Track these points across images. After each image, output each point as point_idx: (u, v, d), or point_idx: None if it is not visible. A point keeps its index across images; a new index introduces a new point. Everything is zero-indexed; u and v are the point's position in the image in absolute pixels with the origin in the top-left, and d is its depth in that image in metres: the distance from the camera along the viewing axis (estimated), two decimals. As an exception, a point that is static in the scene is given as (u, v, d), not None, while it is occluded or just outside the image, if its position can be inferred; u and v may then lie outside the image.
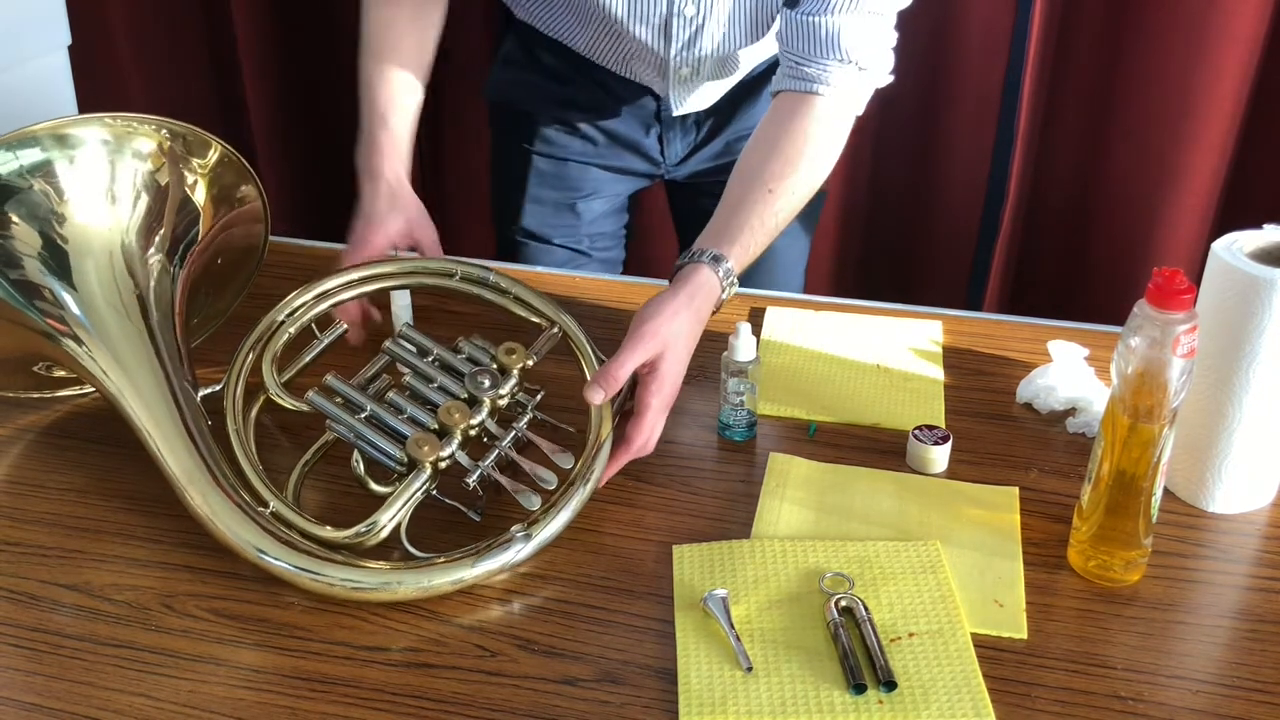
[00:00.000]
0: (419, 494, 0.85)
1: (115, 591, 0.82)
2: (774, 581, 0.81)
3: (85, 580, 0.83)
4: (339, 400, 0.90)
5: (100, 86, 1.93)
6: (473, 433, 0.89)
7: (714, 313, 0.99)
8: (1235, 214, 1.62)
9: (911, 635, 0.77)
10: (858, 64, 1.05)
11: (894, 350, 1.10)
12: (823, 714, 0.71)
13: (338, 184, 1.63)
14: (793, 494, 0.91)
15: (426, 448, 0.85)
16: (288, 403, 0.95)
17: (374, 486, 0.86)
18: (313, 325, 1.01)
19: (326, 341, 1.01)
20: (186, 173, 0.98)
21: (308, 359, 1.00)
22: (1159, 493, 0.80)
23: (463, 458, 0.87)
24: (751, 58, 1.27)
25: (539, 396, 0.94)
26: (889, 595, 0.80)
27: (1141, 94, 1.57)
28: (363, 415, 0.88)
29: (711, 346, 1.10)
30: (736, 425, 0.97)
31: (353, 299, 1.03)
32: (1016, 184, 1.67)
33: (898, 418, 1.00)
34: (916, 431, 0.94)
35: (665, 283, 1.26)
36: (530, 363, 0.95)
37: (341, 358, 1.01)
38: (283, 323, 0.99)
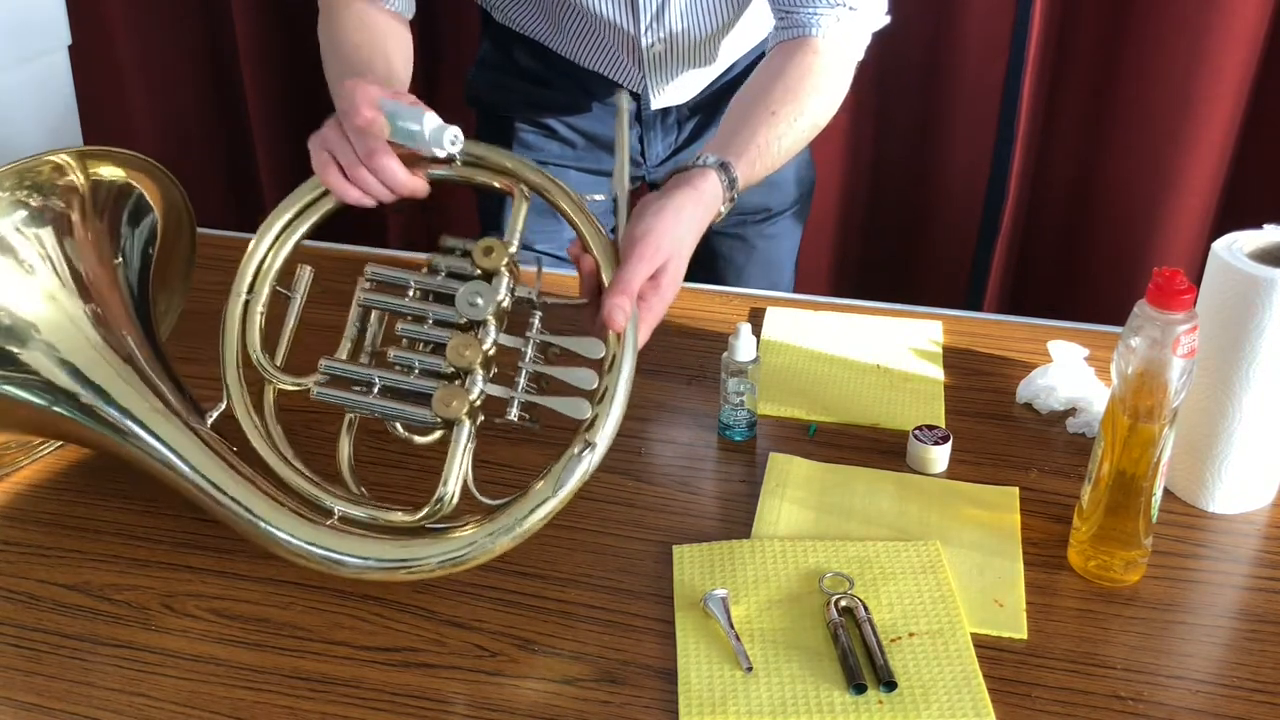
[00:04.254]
0: (470, 445, 0.81)
1: (115, 591, 0.82)
2: (774, 581, 0.81)
3: (85, 580, 0.83)
4: (344, 382, 0.84)
5: (100, 86, 1.93)
6: (492, 352, 0.83)
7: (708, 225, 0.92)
8: (1235, 214, 1.62)
9: (911, 635, 0.77)
10: (846, 4, 1.04)
11: (894, 350, 1.10)
12: (823, 714, 0.71)
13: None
14: (793, 494, 0.91)
15: (455, 402, 0.80)
16: (292, 385, 0.87)
17: (421, 440, 0.82)
18: (277, 288, 0.90)
19: (300, 296, 0.90)
20: (61, 203, 0.89)
21: (291, 322, 0.90)
22: (1159, 493, 0.80)
23: (494, 389, 0.81)
24: (731, 48, 1.25)
25: (539, 275, 0.87)
26: (889, 595, 0.80)
27: (1141, 94, 1.57)
28: (375, 390, 0.83)
29: (711, 346, 1.10)
30: (736, 425, 0.97)
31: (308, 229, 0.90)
32: (1016, 184, 1.67)
33: (898, 418, 1.00)
34: (916, 431, 0.94)
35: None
36: (513, 249, 0.85)
37: (324, 313, 0.95)
38: (248, 301, 0.89)
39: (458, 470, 0.80)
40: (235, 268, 0.89)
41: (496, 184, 0.90)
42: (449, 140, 0.83)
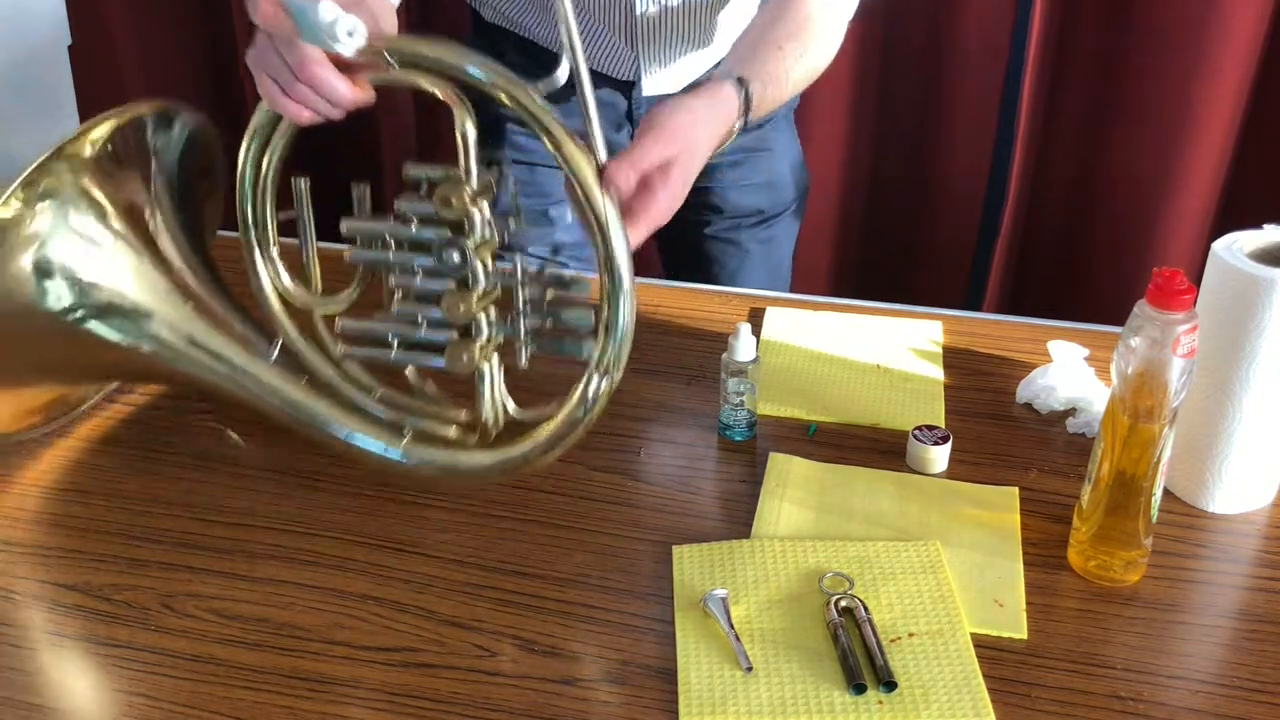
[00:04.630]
0: (498, 375, 0.85)
1: (115, 591, 0.82)
2: (774, 581, 0.81)
3: (85, 580, 0.83)
4: (367, 337, 0.87)
5: (100, 86, 1.93)
6: (490, 294, 0.83)
7: (716, 149, 0.89)
8: (1235, 214, 1.62)
9: (911, 635, 0.77)
10: None
11: (894, 350, 1.10)
12: (823, 714, 0.71)
13: (337, 182, 1.62)
14: (793, 494, 0.91)
15: (465, 356, 0.83)
16: (334, 306, 0.89)
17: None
18: (279, 218, 0.92)
19: (306, 210, 0.90)
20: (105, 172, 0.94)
21: (309, 238, 0.90)
22: (1159, 493, 0.80)
23: (500, 330, 0.84)
24: (727, 30, 1.23)
25: (514, 185, 0.85)
26: (889, 595, 0.80)
27: (1141, 94, 1.57)
28: (395, 344, 0.85)
29: (711, 346, 1.10)
30: (736, 425, 0.97)
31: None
32: (1016, 184, 1.68)
33: (898, 418, 1.00)
34: (916, 431, 0.94)
35: (657, 281, 1.27)
36: (472, 185, 0.81)
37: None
38: (259, 240, 0.91)
39: (490, 401, 0.86)
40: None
41: (439, 93, 0.81)
42: (344, 31, 0.74)
